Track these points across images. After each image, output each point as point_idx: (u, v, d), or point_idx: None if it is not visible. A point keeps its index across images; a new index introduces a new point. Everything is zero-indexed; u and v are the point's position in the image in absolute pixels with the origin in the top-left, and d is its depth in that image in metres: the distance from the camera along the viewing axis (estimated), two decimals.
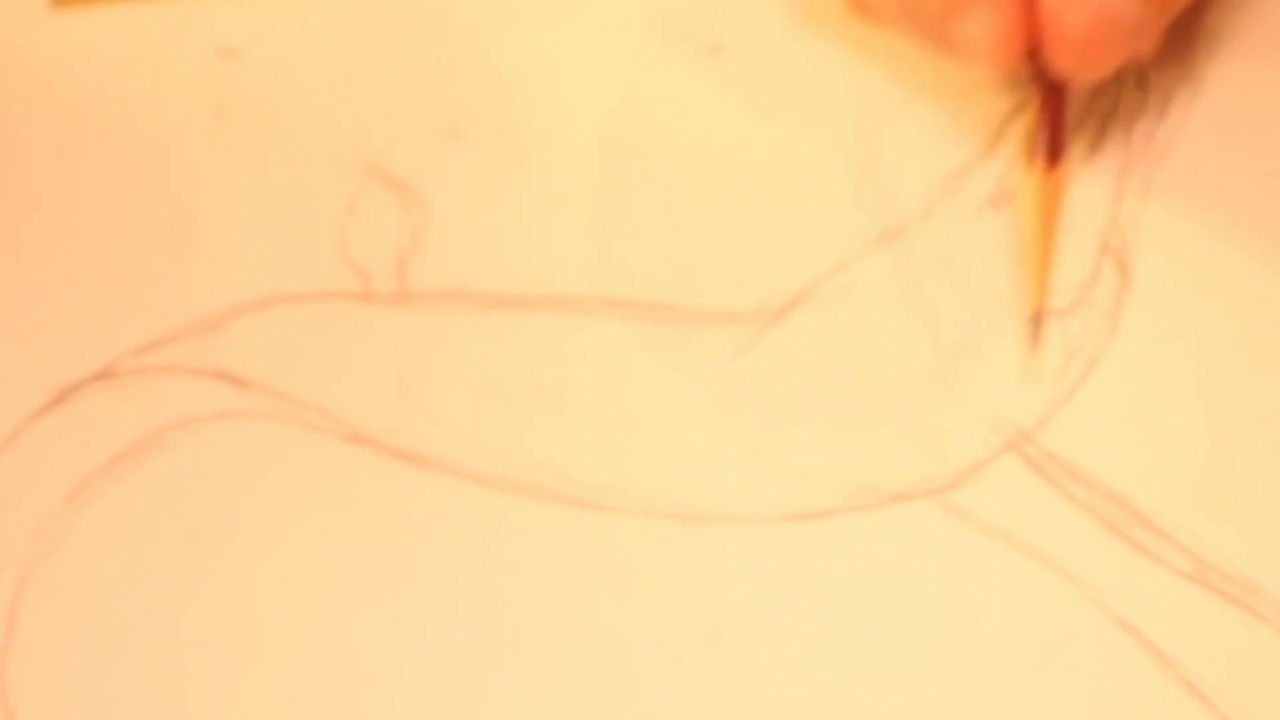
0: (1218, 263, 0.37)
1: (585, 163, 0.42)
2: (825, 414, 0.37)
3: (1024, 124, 0.40)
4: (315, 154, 0.43)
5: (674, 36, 0.45)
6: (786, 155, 0.42)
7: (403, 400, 0.38)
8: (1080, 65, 0.35)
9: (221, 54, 0.46)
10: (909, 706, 0.33)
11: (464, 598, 0.35)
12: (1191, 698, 0.32)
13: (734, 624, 0.34)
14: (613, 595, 0.35)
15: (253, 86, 0.45)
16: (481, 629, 0.35)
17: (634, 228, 0.41)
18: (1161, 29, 0.36)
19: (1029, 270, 0.38)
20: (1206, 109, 0.40)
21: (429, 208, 0.42)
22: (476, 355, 0.39)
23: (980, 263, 0.38)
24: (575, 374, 0.38)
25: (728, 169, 0.42)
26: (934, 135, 0.41)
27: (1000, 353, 0.37)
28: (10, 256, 0.42)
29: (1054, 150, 0.37)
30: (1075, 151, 0.40)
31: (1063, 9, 0.34)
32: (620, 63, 0.44)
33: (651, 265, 0.40)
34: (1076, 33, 0.34)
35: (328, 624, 0.35)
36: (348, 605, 0.35)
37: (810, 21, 0.44)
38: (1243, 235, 0.38)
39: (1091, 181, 0.39)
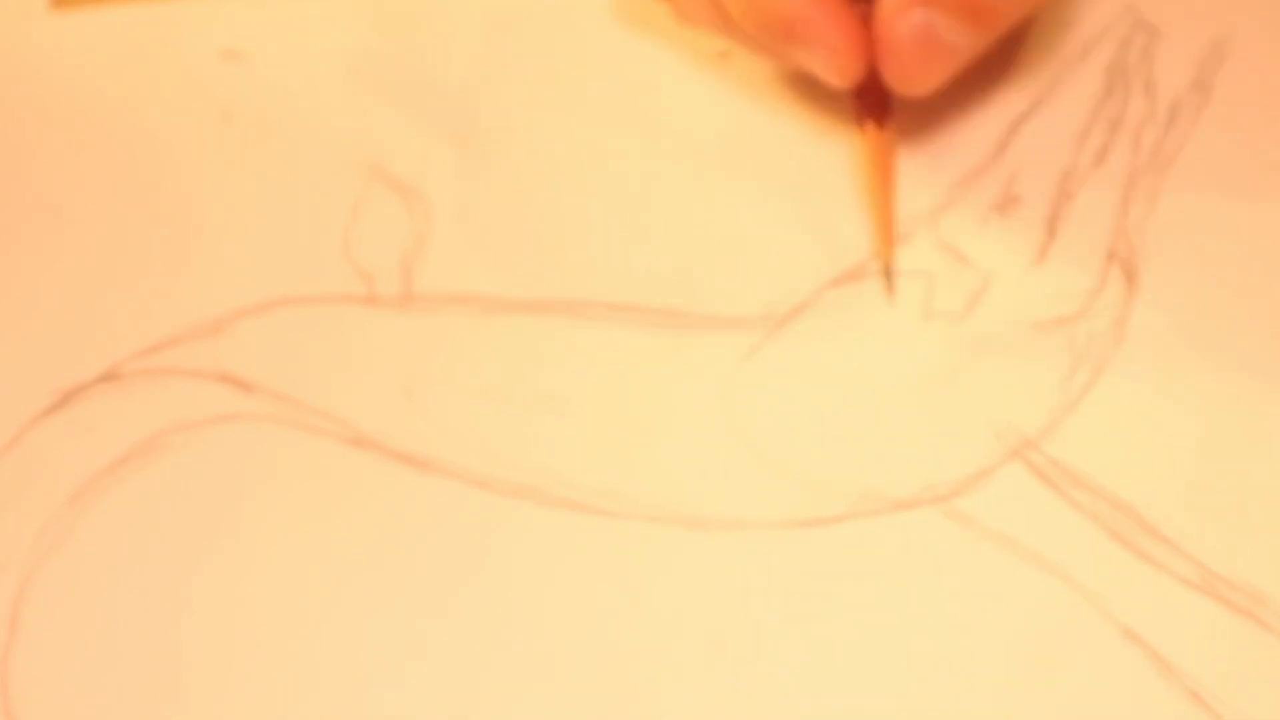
0: (1225, 271, 0.37)
1: (590, 166, 0.42)
2: (830, 420, 0.37)
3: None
4: (320, 157, 0.43)
5: (680, 41, 0.45)
6: (792, 160, 0.42)
7: (406, 403, 0.38)
8: (904, 82, 0.37)
9: (226, 56, 0.46)
10: (913, 713, 0.33)
11: (466, 602, 0.35)
12: (1196, 707, 0.32)
13: (737, 631, 0.34)
14: (616, 601, 0.35)
15: (258, 89, 0.45)
16: (484, 633, 0.35)
17: (639, 232, 0.41)
18: (983, 49, 0.37)
19: (874, 227, 0.39)
20: (1214, 117, 0.40)
21: (433, 211, 0.42)
22: (481, 359, 0.39)
23: (986, 268, 0.38)
24: (580, 378, 0.38)
25: (733, 173, 0.42)
26: (941, 140, 0.41)
27: (1006, 359, 0.37)
28: (13, 258, 0.42)
29: (880, 114, 0.39)
30: (1081, 161, 0.40)
31: (889, 29, 0.36)
32: (626, 67, 0.44)
33: (657, 270, 0.40)
34: (901, 51, 0.36)
35: (330, 627, 0.35)
36: (350, 608, 0.35)
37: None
38: (1250, 243, 0.38)
39: (1098, 189, 0.39)
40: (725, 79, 0.44)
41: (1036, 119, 0.41)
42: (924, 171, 0.40)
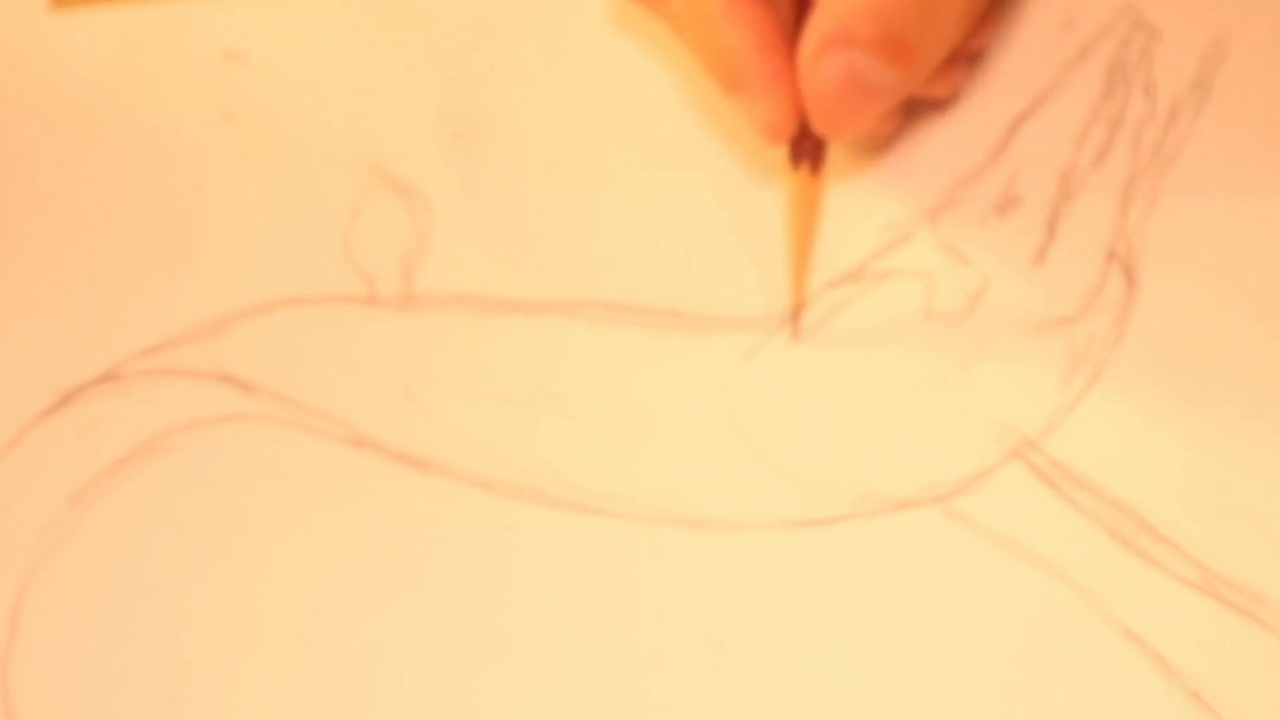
0: (1225, 271, 0.37)
1: (590, 166, 0.42)
2: (830, 420, 0.37)
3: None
4: (321, 157, 0.43)
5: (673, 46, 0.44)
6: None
7: (407, 404, 0.38)
8: (831, 125, 0.36)
9: (227, 56, 0.46)
10: (913, 713, 0.33)
11: (466, 602, 0.35)
12: (1197, 707, 0.32)
13: (738, 631, 0.34)
14: (616, 601, 0.35)
15: (259, 90, 0.45)
16: (484, 633, 0.35)
17: (639, 232, 0.41)
18: (911, 87, 0.36)
19: (791, 267, 0.38)
20: (1213, 118, 0.40)
21: (434, 211, 0.42)
22: (481, 359, 0.39)
23: (986, 268, 0.38)
24: (580, 379, 0.38)
25: (734, 173, 0.42)
26: (941, 140, 0.41)
27: (1006, 359, 0.37)
28: (14, 258, 0.42)
29: (815, 160, 0.37)
30: (1081, 161, 0.40)
31: (812, 72, 0.35)
32: (626, 67, 0.44)
33: (657, 270, 0.40)
34: (825, 95, 0.35)
35: (331, 627, 0.35)
36: (350, 609, 0.35)
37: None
38: (1249, 244, 0.38)
39: (1098, 189, 0.39)
40: None
41: (1036, 119, 0.41)
42: (924, 172, 0.40)
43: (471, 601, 0.35)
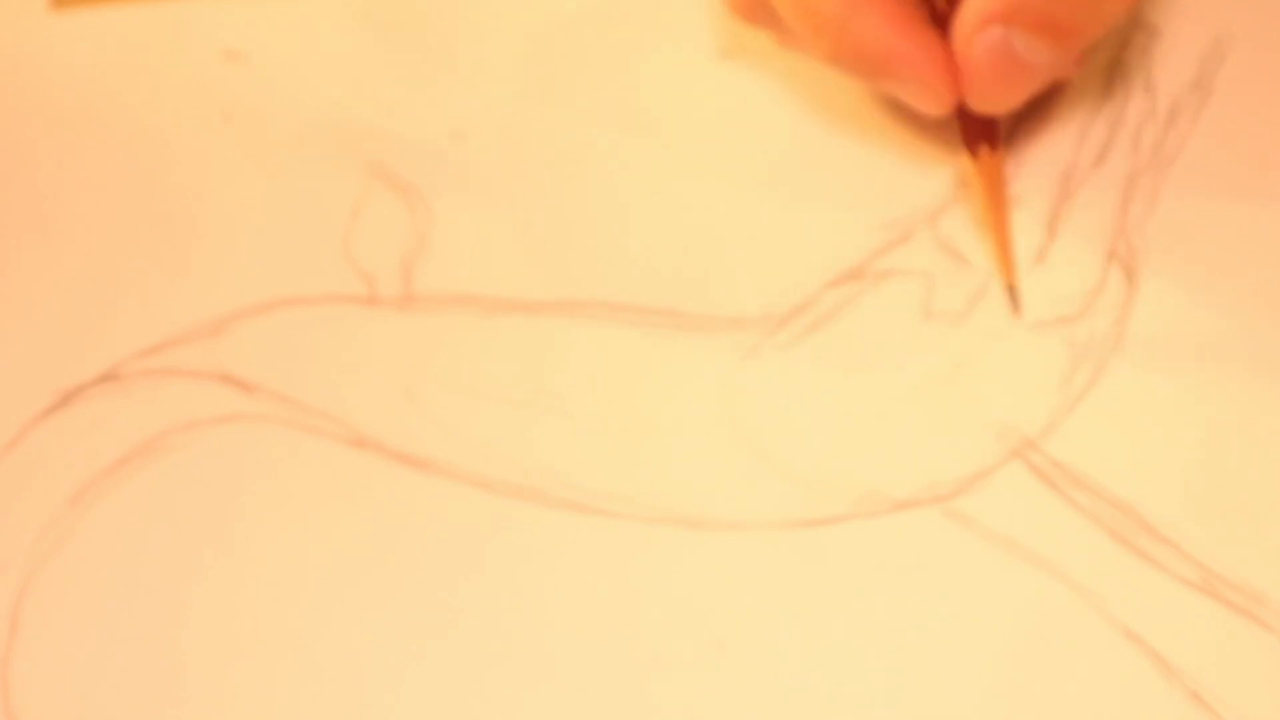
0: (1225, 271, 0.37)
1: (590, 166, 0.42)
2: (830, 420, 0.37)
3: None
4: (320, 157, 0.43)
5: (681, 41, 0.45)
6: (793, 159, 0.42)
7: (407, 404, 0.38)
8: (984, 101, 0.37)
9: (227, 56, 0.46)
10: (912, 713, 0.33)
11: (467, 602, 0.35)
12: (1197, 707, 0.32)
13: (738, 631, 0.34)
14: (616, 601, 0.35)
15: (258, 90, 0.45)
16: (484, 634, 0.35)
17: (639, 232, 0.41)
18: (1064, 68, 0.37)
19: (993, 249, 0.38)
20: (1214, 117, 0.40)
21: (434, 211, 0.42)
22: (481, 359, 0.39)
23: (986, 268, 0.38)
24: (580, 379, 0.38)
25: (733, 173, 0.42)
26: (940, 140, 0.41)
27: (1006, 359, 0.37)
28: (13, 258, 0.42)
29: (990, 137, 0.38)
30: (1081, 161, 0.40)
31: (967, 47, 0.36)
32: (626, 67, 0.44)
33: (657, 270, 0.40)
34: (979, 70, 0.36)
35: (331, 628, 0.35)
36: (351, 609, 0.35)
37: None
38: (1250, 243, 0.38)
39: (1098, 189, 0.39)
40: (723, 78, 0.44)
41: (1036, 119, 0.41)
42: (924, 171, 0.40)
43: (472, 602, 0.35)
